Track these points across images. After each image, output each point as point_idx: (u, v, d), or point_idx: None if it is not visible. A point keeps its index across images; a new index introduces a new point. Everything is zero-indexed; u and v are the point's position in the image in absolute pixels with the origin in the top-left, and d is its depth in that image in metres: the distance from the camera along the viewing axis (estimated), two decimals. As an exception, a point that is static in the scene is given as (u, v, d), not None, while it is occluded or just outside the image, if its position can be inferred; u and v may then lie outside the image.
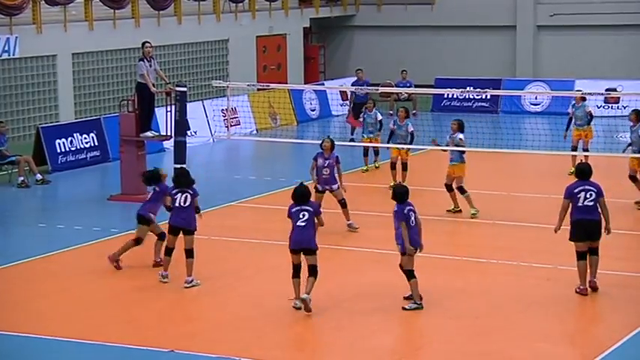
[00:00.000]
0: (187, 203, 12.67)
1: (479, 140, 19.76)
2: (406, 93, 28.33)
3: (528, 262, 13.73)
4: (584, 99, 19.51)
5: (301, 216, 11.61)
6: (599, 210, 12.20)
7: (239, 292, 12.81)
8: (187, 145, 18.72)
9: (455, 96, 29.45)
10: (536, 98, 28.68)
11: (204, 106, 25.43)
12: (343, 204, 15.29)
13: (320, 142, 15.72)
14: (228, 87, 20.31)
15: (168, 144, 21.24)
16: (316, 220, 11.73)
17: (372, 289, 12.62)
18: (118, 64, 25.94)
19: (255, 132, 26.20)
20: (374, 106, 20.04)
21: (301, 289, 11.72)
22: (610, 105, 28.04)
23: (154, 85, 18.18)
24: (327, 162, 15.29)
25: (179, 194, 12.71)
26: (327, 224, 12.97)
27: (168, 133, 18.61)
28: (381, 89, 23.81)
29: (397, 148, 18.25)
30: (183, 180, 12.85)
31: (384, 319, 11.63)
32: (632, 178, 17.10)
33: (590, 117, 19.46)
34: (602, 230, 12.32)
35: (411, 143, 18.15)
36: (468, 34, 33.30)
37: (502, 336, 11.15)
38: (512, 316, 11.71)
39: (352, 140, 23.54)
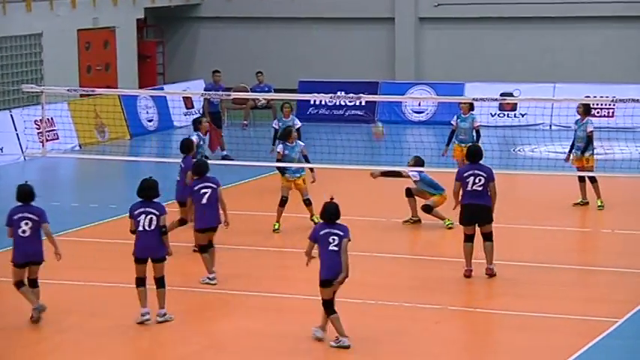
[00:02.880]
0: (153, 226, 12.76)
1: (352, 156, 19.94)
2: (264, 99, 28.41)
3: (412, 302, 13.87)
4: (472, 108, 19.75)
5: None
6: (490, 194, 14.36)
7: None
8: (-9, 164, 18.31)
9: (323, 102, 29.68)
10: (419, 105, 29.21)
11: (12, 116, 24.95)
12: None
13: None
14: (42, 92, 19.87)
15: (-33, 164, 20.65)
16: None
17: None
18: None
19: (77, 148, 25.77)
20: (298, 136, 17.96)
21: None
22: (505, 112, 28.80)
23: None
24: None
25: (143, 215, 12.78)
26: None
27: (-34, 150, 18.08)
28: (234, 95, 23.73)
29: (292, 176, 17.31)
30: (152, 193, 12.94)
31: None
32: (582, 178, 18.47)
33: (477, 134, 19.53)
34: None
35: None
36: (338, 29, 33.64)
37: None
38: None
39: (206, 158, 23.39)
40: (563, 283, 14.75)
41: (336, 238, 11.85)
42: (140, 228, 12.67)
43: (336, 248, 11.83)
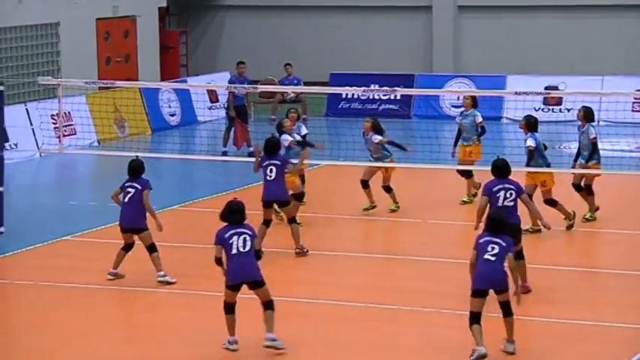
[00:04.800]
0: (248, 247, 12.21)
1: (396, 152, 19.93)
2: (293, 92, 28.47)
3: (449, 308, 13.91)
4: (475, 105, 19.47)
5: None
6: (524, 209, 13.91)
7: (74, 355, 12.60)
8: (5, 161, 18.39)
9: (356, 96, 29.70)
10: (458, 99, 29.13)
11: (27, 110, 25.08)
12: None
13: None
14: (59, 85, 20.05)
15: (-20, 160, 20.83)
16: None
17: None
18: None
19: (96, 144, 25.91)
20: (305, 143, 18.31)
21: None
22: (550, 107, 28.73)
23: (-41, 81, 17.87)
24: None
25: (235, 237, 12.20)
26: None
27: (-20, 146, 18.26)
28: (261, 88, 23.83)
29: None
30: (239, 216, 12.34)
31: None
32: (577, 186, 17.81)
33: (482, 130, 19.25)
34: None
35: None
36: (372, 18, 33.67)
37: None
38: None
39: (225, 154, 23.55)
40: (601, 289, 14.73)
41: (495, 247, 11.98)
42: (234, 250, 12.09)
43: (492, 259, 11.94)
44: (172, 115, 28.84)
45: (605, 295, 14.65)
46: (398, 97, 29.27)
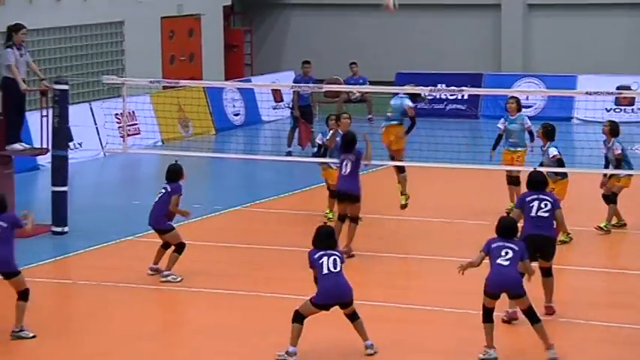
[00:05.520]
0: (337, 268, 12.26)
1: (454, 153, 19.88)
2: (359, 92, 28.47)
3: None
4: (520, 108, 18.91)
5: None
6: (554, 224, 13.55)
7: (135, 356, 12.70)
8: (70, 160, 18.60)
9: (422, 96, 29.62)
10: (527, 99, 28.95)
11: (91, 109, 25.31)
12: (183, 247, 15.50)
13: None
14: (123, 84, 20.20)
15: (44, 160, 21.06)
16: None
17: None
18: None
19: (160, 144, 26.10)
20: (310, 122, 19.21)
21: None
22: (622, 107, 28.48)
23: (24, 81, 18.02)
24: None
25: (325, 257, 12.26)
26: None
27: (44, 146, 18.46)
28: (326, 87, 23.86)
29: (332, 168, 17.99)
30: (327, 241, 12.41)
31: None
32: (607, 197, 17.68)
33: (530, 135, 18.56)
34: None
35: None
36: (439, 16, 33.58)
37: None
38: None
39: (289, 154, 23.61)
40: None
41: (509, 251, 12.09)
42: (325, 270, 12.15)
43: (506, 262, 12.02)
44: (236, 115, 28.98)
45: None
46: (465, 97, 29.20)
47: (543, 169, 15.45)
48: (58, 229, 17.97)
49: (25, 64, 18.16)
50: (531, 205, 13.40)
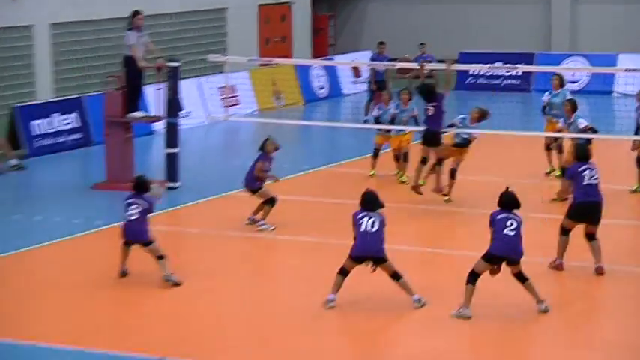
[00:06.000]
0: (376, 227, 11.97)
1: (508, 122, 19.67)
2: (427, 69, 28.19)
3: (570, 260, 13.67)
4: (563, 84, 18.68)
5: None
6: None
7: (237, 293, 12.81)
8: (180, 127, 18.74)
9: (481, 72, 29.32)
10: (573, 75, 28.52)
11: (199, 83, 25.45)
12: (275, 202, 15.52)
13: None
14: (226, 62, 20.29)
15: (159, 126, 21.25)
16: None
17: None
18: (102, 36, 25.88)
19: (256, 113, 26.18)
20: (390, 98, 18.76)
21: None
22: (657, 83, 27.89)
23: (143, 59, 18.12)
24: (270, 166, 15.70)
25: (365, 218, 12.00)
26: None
27: (159, 114, 18.59)
28: (399, 65, 23.72)
29: (397, 135, 18.17)
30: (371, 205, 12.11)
31: (409, 324, 11.59)
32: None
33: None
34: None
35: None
36: (497, 2, 33.13)
37: (545, 342, 11.15)
38: (551, 322, 11.70)
39: (366, 122, 23.53)
40: None
41: (514, 222, 11.73)
42: (362, 229, 11.88)
43: (512, 232, 11.66)
44: (321, 88, 28.94)
45: None
46: (519, 74, 28.83)
47: (572, 135, 15.24)
48: (171, 185, 18.15)
49: (144, 44, 18.25)
50: (583, 174, 13.07)
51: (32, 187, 19.17)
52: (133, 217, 12.87)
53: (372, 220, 11.93)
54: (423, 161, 16.54)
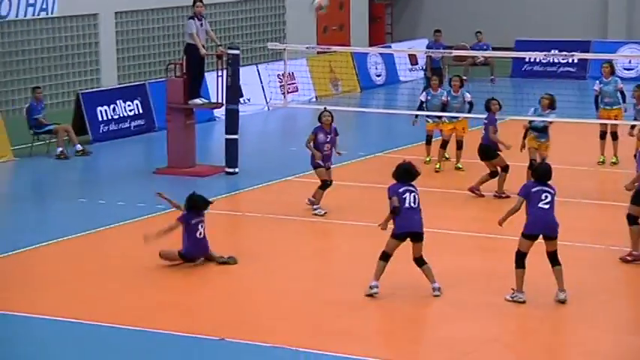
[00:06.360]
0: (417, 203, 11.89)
1: (564, 110, 19.53)
2: (483, 57, 28.15)
3: (617, 245, 13.63)
4: (613, 72, 18.61)
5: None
6: None
7: (293, 276, 12.96)
8: (240, 113, 18.87)
9: (537, 60, 29.14)
10: (629, 62, 28.22)
11: (258, 70, 25.55)
12: (327, 185, 15.50)
13: (320, 115, 15.70)
14: (285, 50, 20.35)
15: (220, 112, 21.46)
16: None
17: (443, 275, 12.67)
18: (165, 24, 26.17)
19: (314, 100, 26.26)
20: (440, 84, 18.71)
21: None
22: None
23: (204, 47, 18.29)
24: (328, 137, 15.53)
25: (407, 193, 11.89)
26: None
27: (220, 101, 18.76)
28: (455, 52, 23.66)
29: (450, 122, 18.18)
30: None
31: (455, 309, 11.70)
32: None
33: (622, 95, 18.27)
34: None
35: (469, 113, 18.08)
36: (554, -10, 32.86)
37: (586, 327, 11.15)
38: (597, 306, 11.69)
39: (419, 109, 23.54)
40: None
41: (548, 195, 11.57)
42: (406, 205, 11.76)
43: (546, 206, 11.51)
44: (378, 76, 28.96)
45: None
46: (575, 61, 28.57)
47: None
48: (231, 170, 18.32)
49: (205, 32, 18.39)
50: None
51: (97, 172, 19.49)
52: (201, 236, 12.97)
53: (413, 194, 11.83)
54: (492, 174, 16.30)
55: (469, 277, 12.59)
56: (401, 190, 11.88)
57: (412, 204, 11.82)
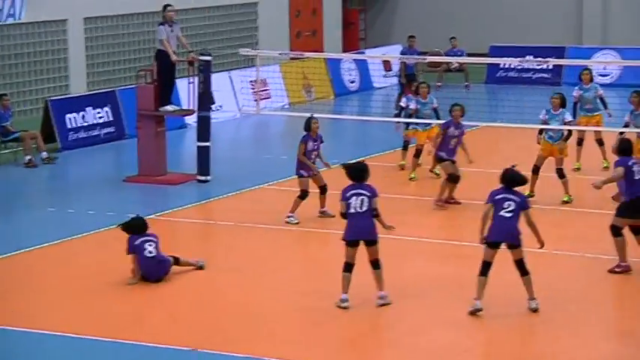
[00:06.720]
0: (365, 207, 11.58)
1: (538, 116, 19.44)
2: (457, 63, 28.09)
3: (593, 252, 13.52)
4: (592, 79, 18.53)
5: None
6: None
7: (267, 285, 12.77)
8: (212, 120, 18.72)
9: (512, 66, 29.11)
10: (604, 68, 28.24)
11: (230, 77, 25.42)
12: (324, 190, 15.38)
13: (307, 122, 15.53)
14: (257, 56, 20.24)
15: (191, 119, 21.25)
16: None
17: (417, 281, 12.49)
18: (135, 30, 25.94)
19: (287, 106, 26.13)
20: (437, 115, 18.27)
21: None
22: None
23: (175, 53, 18.13)
24: (316, 145, 15.45)
25: (354, 197, 11.63)
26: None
27: (191, 107, 18.59)
28: (429, 59, 23.59)
29: (424, 130, 18.00)
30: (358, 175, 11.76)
31: (429, 316, 11.51)
32: None
33: (602, 101, 18.24)
34: None
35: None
36: (527, -4, 32.94)
37: (564, 335, 11.01)
38: (575, 314, 11.55)
39: (397, 116, 23.42)
40: None
41: (512, 204, 11.29)
42: (352, 210, 11.53)
43: (508, 214, 11.26)
44: (352, 82, 28.84)
45: None
46: (550, 67, 28.60)
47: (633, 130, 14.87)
48: (202, 178, 18.13)
49: (176, 38, 18.23)
50: (632, 170, 12.60)
51: (66, 180, 19.24)
52: (151, 255, 12.63)
53: (361, 198, 11.55)
54: (453, 179, 16.00)
55: (440, 286, 12.42)
56: (348, 194, 11.64)
57: (358, 209, 11.53)
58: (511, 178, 11.45)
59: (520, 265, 11.40)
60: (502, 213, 11.27)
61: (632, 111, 16.72)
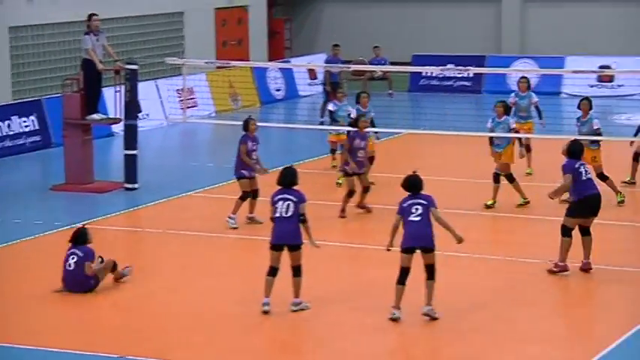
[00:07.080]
0: (290, 213, 11.64)
1: (459, 123, 19.81)
2: (381, 71, 28.38)
3: (519, 256, 13.79)
4: (529, 87, 18.83)
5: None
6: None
7: (194, 292, 12.80)
8: (139, 128, 18.69)
9: (434, 74, 29.50)
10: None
11: (157, 85, 25.38)
12: (256, 194, 15.49)
13: (245, 123, 15.55)
14: (183, 65, 20.24)
15: (118, 128, 21.16)
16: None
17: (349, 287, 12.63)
18: (61, 39, 25.71)
19: (213, 114, 26.13)
20: (345, 95, 18.69)
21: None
22: (603, 84, 28.24)
23: (101, 62, 18.06)
24: (255, 145, 15.52)
25: (281, 202, 11.70)
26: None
27: (118, 116, 18.53)
28: (354, 67, 23.83)
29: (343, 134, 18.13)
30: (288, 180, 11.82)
31: (356, 321, 11.67)
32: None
33: (537, 109, 18.56)
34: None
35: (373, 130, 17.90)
36: (449, 6, 33.35)
37: (487, 338, 11.21)
38: (500, 316, 11.78)
39: (322, 124, 23.59)
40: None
41: (419, 207, 11.43)
42: (277, 214, 11.61)
43: (417, 219, 11.37)
44: (278, 90, 28.96)
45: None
46: (470, 75, 29.03)
47: (581, 138, 15.01)
48: (130, 186, 18.08)
49: (101, 47, 18.13)
50: (580, 171, 12.82)
51: (-9, 189, 19.00)
52: (70, 268, 12.52)
53: (287, 203, 11.62)
54: (350, 194, 15.89)
55: (366, 290, 12.56)
56: (276, 198, 11.76)
57: (284, 213, 11.60)
58: (412, 184, 11.59)
59: (429, 269, 11.46)
60: (411, 218, 11.40)
61: (493, 118, 16.70)
